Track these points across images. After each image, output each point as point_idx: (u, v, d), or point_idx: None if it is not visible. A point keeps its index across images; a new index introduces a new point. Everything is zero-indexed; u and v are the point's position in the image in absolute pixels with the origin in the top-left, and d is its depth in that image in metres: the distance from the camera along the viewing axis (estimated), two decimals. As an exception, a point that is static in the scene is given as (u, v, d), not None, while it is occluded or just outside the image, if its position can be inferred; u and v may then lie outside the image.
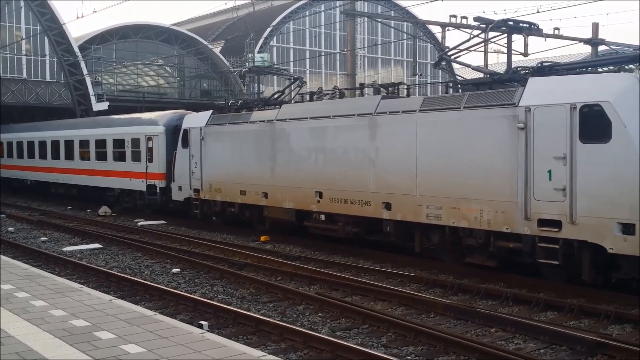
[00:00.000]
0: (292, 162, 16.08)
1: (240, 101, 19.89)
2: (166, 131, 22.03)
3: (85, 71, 41.09)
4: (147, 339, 6.63)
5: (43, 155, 30.22)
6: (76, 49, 40.96)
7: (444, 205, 12.38)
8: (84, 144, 26.73)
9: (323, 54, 55.59)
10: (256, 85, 45.78)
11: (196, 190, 19.72)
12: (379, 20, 41.08)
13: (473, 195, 11.88)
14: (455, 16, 25.32)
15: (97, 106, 40.67)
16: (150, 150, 22.47)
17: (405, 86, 15.59)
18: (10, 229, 20.18)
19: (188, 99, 48.52)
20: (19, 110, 40.11)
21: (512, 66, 13.52)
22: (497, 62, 50.67)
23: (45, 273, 10.57)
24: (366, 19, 52.78)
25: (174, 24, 53.72)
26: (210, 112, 19.86)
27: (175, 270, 13.46)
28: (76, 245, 16.97)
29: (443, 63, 14.87)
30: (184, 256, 14.68)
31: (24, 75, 39.80)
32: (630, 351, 7.54)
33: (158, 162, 22.10)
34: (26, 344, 6.37)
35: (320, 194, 15.21)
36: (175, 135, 21.25)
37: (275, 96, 19.37)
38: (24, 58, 40.02)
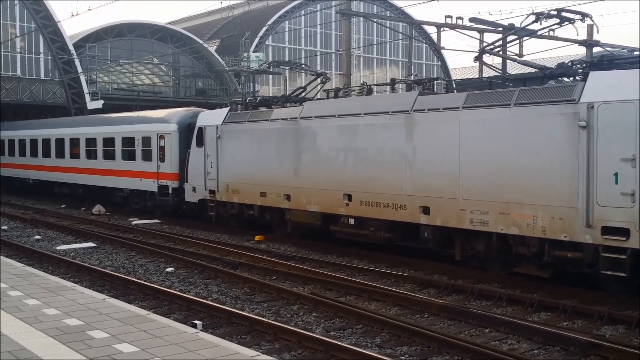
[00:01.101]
0: (318, 163, 15.14)
1: (258, 98, 18.73)
2: (179, 129, 21.13)
3: (79, 69, 40.96)
4: (141, 338, 6.61)
5: (47, 154, 29.10)
6: (71, 47, 40.83)
7: (491, 210, 11.42)
8: (91, 142, 25.69)
9: (318, 53, 55.58)
10: (251, 84, 45.84)
11: (211, 192, 18.80)
12: (375, 20, 41.10)
13: (526, 200, 10.92)
14: (450, 17, 25.39)
15: (92, 104, 40.54)
16: (162, 149, 21.44)
17: (444, 82, 14.52)
18: (3, 227, 20.09)
19: (183, 98, 48.45)
20: (12, 108, 39.96)
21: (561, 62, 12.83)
22: (492, 63, 50.61)
23: (39, 272, 10.55)
24: (362, 18, 52.80)
25: (169, 23, 53.58)
26: (227, 109, 19.01)
27: (169, 269, 13.43)
28: (70, 244, 16.91)
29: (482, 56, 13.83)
30: (178, 255, 14.65)
31: (18, 73, 39.64)
32: (623, 352, 7.57)
33: (170, 162, 21.14)
34: (19, 342, 6.35)
35: (350, 197, 14.28)
36: (189, 133, 20.48)
37: (296, 93, 18.38)
38: (18, 56, 39.85)
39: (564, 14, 12.48)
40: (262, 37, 53.22)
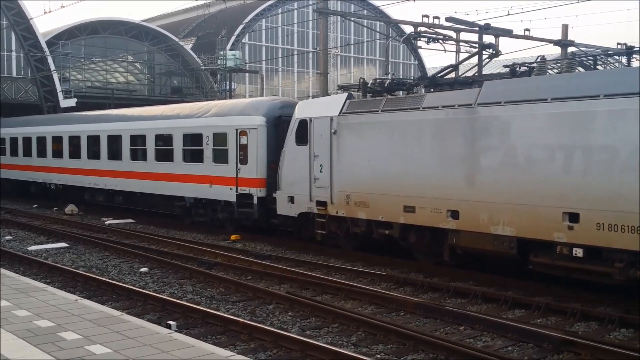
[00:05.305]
0: (513, 167, 11.05)
1: (387, 81, 14.65)
2: (267, 123, 17.05)
3: (52, 67, 40.48)
4: (114, 339, 6.54)
5: (75, 154, 24.60)
6: (44, 45, 40.36)
7: None
8: (137, 139, 21.31)
9: (295, 52, 55.55)
10: (227, 82, 45.64)
11: (320, 203, 14.65)
12: (352, 19, 41.22)
13: None
14: (427, 16, 25.53)
15: (65, 103, 40.12)
16: (243, 149, 17.27)
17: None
18: (-26, 227, 19.77)
19: (158, 96, 48.15)
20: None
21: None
22: (469, 62, 51.09)
23: (10, 272, 10.41)
24: (339, 17, 52.89)
25: (145, 20, 53.20)
26: (343, 96, 14.70)
27: (143, 269, 13.30)
28: (42, 244, 16.67)
29: None
30: (153, 255, 14.52)
31: (-11, 70, 39.08)
32: (596, 348, 7.67)
33: (256, 164, 16.90)
34: (-13, 345, 6.23)
35: (575, 217, 10.17)
36: (278, 128, 16.79)
37: (442, 74, 14.46)
38: (-11, 53, 39.28)
39: None
40: (239, 35, 53.11)
